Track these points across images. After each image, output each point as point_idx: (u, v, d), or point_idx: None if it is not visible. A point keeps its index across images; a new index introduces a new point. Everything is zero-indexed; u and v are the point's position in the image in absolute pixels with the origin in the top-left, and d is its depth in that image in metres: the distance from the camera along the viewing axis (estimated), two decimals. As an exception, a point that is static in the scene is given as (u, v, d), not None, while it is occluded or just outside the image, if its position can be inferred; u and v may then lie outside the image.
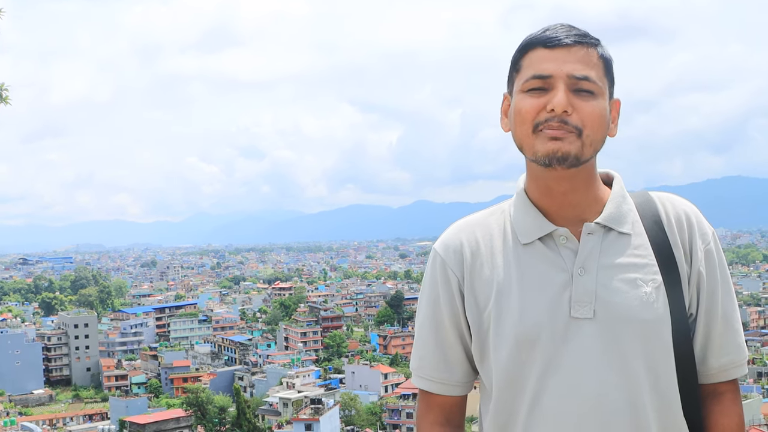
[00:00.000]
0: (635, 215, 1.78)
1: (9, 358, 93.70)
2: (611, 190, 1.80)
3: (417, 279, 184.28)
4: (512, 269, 1.77)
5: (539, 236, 1.76)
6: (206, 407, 72.54)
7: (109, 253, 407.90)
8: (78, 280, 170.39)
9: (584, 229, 1.74)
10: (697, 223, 1.78)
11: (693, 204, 1.82)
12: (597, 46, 1.72)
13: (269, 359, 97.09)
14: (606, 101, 1.71)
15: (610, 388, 1.68)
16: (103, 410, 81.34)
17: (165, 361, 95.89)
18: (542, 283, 1.74)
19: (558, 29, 1.70)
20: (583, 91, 1.67)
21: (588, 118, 1.67)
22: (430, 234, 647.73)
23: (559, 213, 1.77)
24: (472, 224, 1.88)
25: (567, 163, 1.67)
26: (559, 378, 1.71)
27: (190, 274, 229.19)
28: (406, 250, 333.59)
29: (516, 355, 1.74)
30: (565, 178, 1.72)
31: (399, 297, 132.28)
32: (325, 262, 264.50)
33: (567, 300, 1.72)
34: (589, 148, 1.69)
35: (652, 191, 1.84)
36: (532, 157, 1.70)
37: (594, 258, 1.73)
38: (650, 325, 1.69)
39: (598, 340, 1.70)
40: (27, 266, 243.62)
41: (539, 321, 1.72)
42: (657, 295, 1.70)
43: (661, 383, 1.71)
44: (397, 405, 69.52)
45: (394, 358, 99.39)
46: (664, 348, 1.71)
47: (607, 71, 1.72)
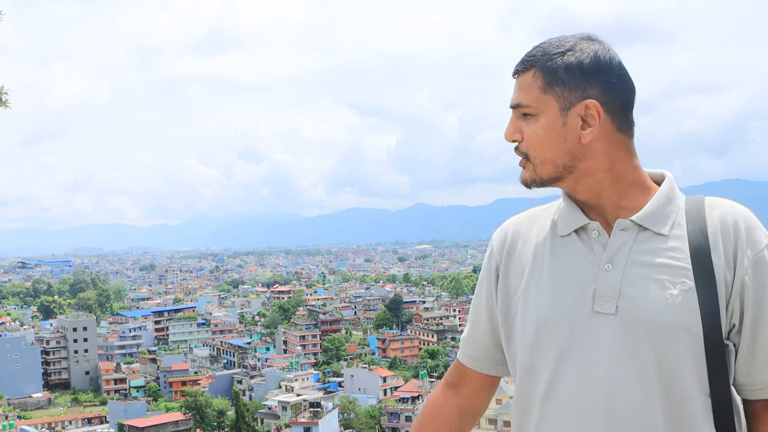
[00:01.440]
0: (680, 218, 1.75)
1: (8, 361, 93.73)
2: (658, 191, 1.78)
3: (415, 282, 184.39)
4: (546, 259, 1.82)
5: (574, 229, 1.80)
6: (205, 411, 72.66)
7: (107, 256, 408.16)
8: (77, 283, 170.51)
9: (617, 225, 1.75)
10: (747, 231, 1.71)
11: (749, 211, 1.76)
12: (536, 65, 1.73)
13: (268, 363, 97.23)
14: (552, 115, 1.72)
15: (621, 386, 1.69)
16: (102, 414, 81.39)
17: (164, 364, 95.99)
18: (571, 275, 1.77)
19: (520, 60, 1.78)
20: (526, 116, 1.75)
21: (528, 141, 1.74)
22: (429, 237, 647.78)
23: (597, 209, 1.79)
24: (526, 216, 1.95)
25: (532, 187, 1.78)
26: (573, 370, 1.73)
27: (188, 277, 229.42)
28: (404, 254, 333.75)
29: (537, 341, 1.78)
30: (572, 188, 1.79)
31: (398, 300, 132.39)
32: (323, 266, 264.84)
33: (591, 294, 1.73)
34: (543, 168, 1.74)
35: (709, 196, 1.80)
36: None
37: (623, 254, 1.73)
38: (668, 328, 1.67)
39: (616, 337, 1.70)
40: (26, 270, 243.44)
41: (562, 311, 1.75)
42: (683, 299, 1.67)
43: (675, 388, 1.68)
44: (396, 408, 69.65)
45: (392, 362, 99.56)
46: (684, 353, 1.67)
47: (549, 84, 1.72)
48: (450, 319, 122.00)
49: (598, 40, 1.77)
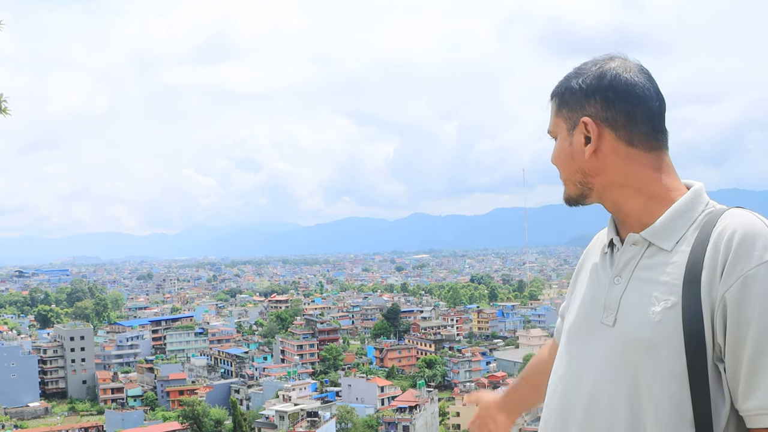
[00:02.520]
0: (690, 232, 1.76)
1: (5, 370, 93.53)
2: (673, 204, 1.81)
3: (413, 292, 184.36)
4: (587, 272, 2.00)
5: (607, 243, 1.94)
6: (202, 420, 72.53)
7: (105, 265, 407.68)
8: (74, 292, 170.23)
9: (627, 240, 1.84)
10: (744, 244, 1.65)
11: (762, 224, 1.69)
12: (555, 92, 1.92)
13: (265, 372, 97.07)
14: (564, 137, 1.88)
15: (600, 397, 1.76)
16: (99, 423, 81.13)
17: (161, 373, 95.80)
18: (594, 287, 1.91)
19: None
20: (555, 140, 1.95)
21: (554, 162, 1.94)
22: (427, 246, 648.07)
23: (623, 226, 1.90)
24: (599, 235, 2.10)
25: (571, 204, 1.95)
26: (571, 373, 1.87)
27: (186, 286, 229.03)
28: (402, 263, 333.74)
29: (561, 343, 2.00)
30: (601, 203, 1.91)
31: (395, 310, 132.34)
32: (321, 275, 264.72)
33: (603, 305, 1.85)
34: (567, 186, 1.91)
35: (735, 207, 1.77)
36: None
37: (630, 269, 1.81)
38: (643, 345, 1.69)
39: (608, 349, 1.78)
40: (23, 279, 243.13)
41: (581, 318, 1.91)
42: (664, 317, 1.68)
43: (650, 403, 1.68)
44: (394, 418, 69.57)
45: (390, 371, 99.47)
46: (662, 370, 1.67)
47: (559, 108, 1.89)
48: (447, 329, 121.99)
49: (619, 57, 1.84)
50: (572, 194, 1.89)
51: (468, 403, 1.97)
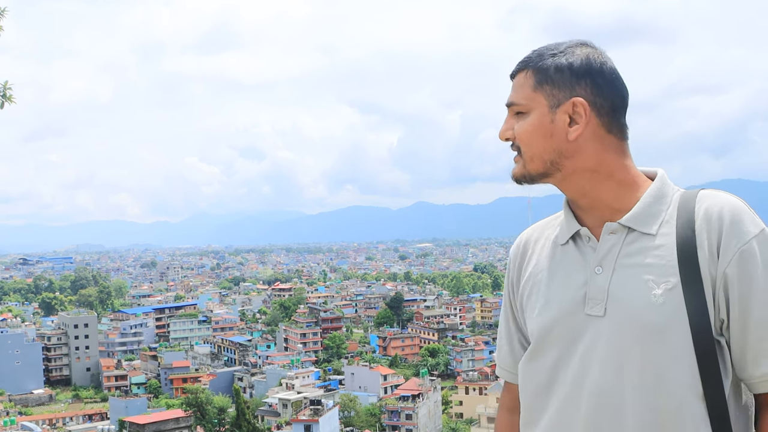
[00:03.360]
0: (669, 215, 1.77)
1: (9, 357, 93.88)
2: (646, 190, 1.81)
3: (416, 281, 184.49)
4: (547, 267, 1.89)
5: (570, 236, 1.86)
6: (206, 408, 72.68)
7: (109, 253, 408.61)
8: (78, 280, 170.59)
9: (605, 229, 1.79)
10: (733, 222, 1.70)
11: (742, 201, 1.74)
12: (529, 65, 1.82)
13: (269, 360, 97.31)
14: (541, 113, 1.78)
15: (609, 387, 1.72)
16: (103, 410, 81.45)
17: (165, 361, 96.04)
18: (565, 281, 1.83)
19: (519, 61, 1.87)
20: (518, 114, 1.82)
21: (518, 136, 1.81)
22: (430, 235, 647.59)
23: (589, 214, 1.84)
24: (537, 226, 2.02)
25: (519, 183, 1.84)
26: (567, 373, 1.78)
27: (189, 274, 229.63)
28: (405, 252, 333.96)
29: (536, 347, 1.86)
30: (560, 186, 1.84)
31: (398, 298, 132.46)
32: (324, 264, 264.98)
33: (583, 297, 1.78)
34: (532, 163, 1.80)
35: (705, 189, 1.80)
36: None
37: (612, 257, 1.77)
38: (653, 329, 1.68)
39: (605, 339, 1.73)
40: (27, 266, 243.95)
41: (557, 316, 1.81)
42: (668, 298, 1.68)
43: (663, 390, 1.68)
44: (397, 406, 69.68)
45: (393, 360, 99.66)
46: (671, 354, 1.67)
47: (540, 83, 1.79)
48: (450, 318, 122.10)
49: (591, 45, 1.82)
50: (533, 172, 1.81)
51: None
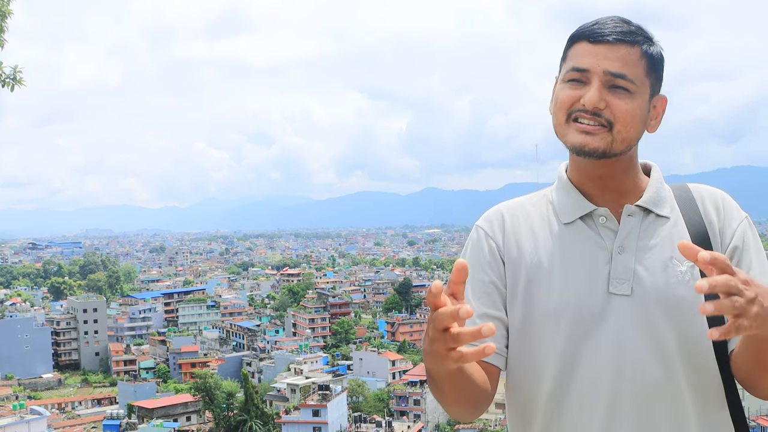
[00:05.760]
0: (673, 201, 1.87)
1: (18, 342, 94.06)
2: (650, 177, 1.88)
3: (425, 266, 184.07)
4: (554, 247, 1.84)
5: (580, 215, 1.84)
6: (214, 392, 72.55)
7: (117, 238, 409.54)
8: (87, 265, 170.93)
9: (624, 211, 1.81)
10: (729, 207, 1.85)
11: (726, 192, 1.90)
12: (642, 45, 1.75)
13: (277, 345, 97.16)
14: (645, 99, 1.76)
15: (645, 364, 1.73)
16: (112, 395, 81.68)
17: (173, 346, 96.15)
18: (583, 260, 1.80)
19: (607, 24, 1.75)
20: (619, 88, 1.73)
21: (621, 114, 1.72)
22: (439, 221, 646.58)
23: (599, 196, 1.85)
24: (513, 205, 1.96)
25: (595, 156, 1.76)
26: (595, 352, 1.75)
27: (198, 259, 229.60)
28: (414, 237, 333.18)
29: (555, 328, 1.78)
30: (600, 166, 1.81)
31: (407, 284, 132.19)
32: (333, 249, 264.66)
33: (606, 277, 1.77)
34: (620, 144, 1.75)
35: (690, 183, 1.94)
36: (565, 144, 1.81)
37: (633, 238, 1.80)
38: (686, 303, 1.72)
39: (634, 317, 1.74)
40: (36, 251, 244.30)
41: (579, 296, 1.77)
42: (693, 275, 1.74)
43: (697, 361, 1.74)
44: (405, 392, 69.51)
45: (401, 345, 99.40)
46: (701, 326, 1.71)
47: (651, 69, 1.76)
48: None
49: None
50: (617, 151, 1.76)
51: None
